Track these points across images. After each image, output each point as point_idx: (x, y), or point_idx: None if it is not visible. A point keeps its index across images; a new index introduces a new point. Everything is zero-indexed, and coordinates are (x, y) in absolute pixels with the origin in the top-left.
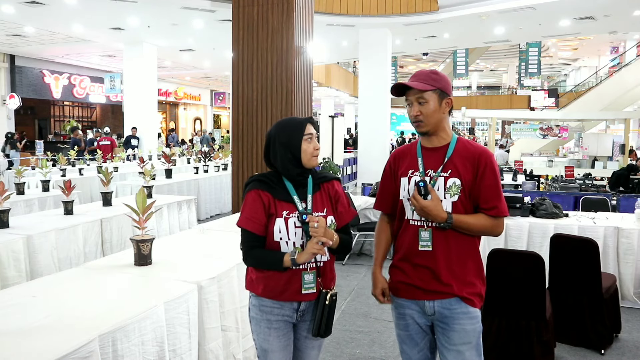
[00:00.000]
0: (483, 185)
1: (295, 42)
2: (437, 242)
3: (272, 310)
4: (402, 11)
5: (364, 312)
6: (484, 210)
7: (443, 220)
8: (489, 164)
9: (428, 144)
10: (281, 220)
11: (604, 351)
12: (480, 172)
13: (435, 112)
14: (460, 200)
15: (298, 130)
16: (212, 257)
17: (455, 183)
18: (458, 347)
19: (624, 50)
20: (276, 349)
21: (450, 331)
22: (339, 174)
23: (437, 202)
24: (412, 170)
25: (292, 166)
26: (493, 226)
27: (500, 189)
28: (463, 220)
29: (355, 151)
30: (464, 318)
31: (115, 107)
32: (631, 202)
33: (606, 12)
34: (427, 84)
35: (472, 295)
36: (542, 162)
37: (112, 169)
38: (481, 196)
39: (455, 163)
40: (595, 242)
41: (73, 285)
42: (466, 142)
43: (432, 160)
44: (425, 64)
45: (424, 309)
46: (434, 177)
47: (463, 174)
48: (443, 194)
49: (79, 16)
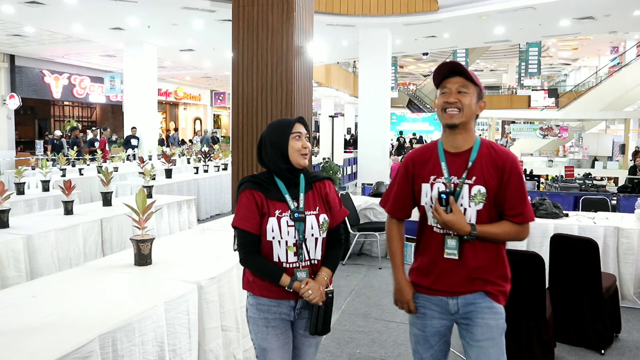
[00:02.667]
0: (508, 191)
1: (295, 42)
2: (463, 249)
3: (270, 308)
4: (402, 11)
5: (364, 312)
6: (509, 217)
7: (467, 233)
8: (514, 170)
9: (450, 148)
10: (274, 219)
11: (604, 351)
12: (505, 179)
13: (471, 107)
14: (485, 208)
15: (286, 128)
16: (212, 257)
17: (480, 191)
18: (481, 342)
19: (624, 50)
20: (275, 348)
21: (473, 326)
22: (339, 174)
23: (459, 215)
24: (434, 176)
25: (280, 162)
26: (518, 232)
27: (526, 195)
28: (487, 231)
29: (355, 151)
30: (487, 312)
31: (115, 107)
32: (631, 202)
33: (606, 12)
34: (473, 77)
35: (497, 291)
36: (542, 162)
37: (112, 169)
38: (506, 202)
39: (480, 169)
40: (595, 242)
41: (73, 285)
42: (490, 146)
43: (456, 166)
44: (425, 64)
45: (447, 307)
46: (458, 184)
47: (488, 180)
48: (467, 202)
49: (79, 16)
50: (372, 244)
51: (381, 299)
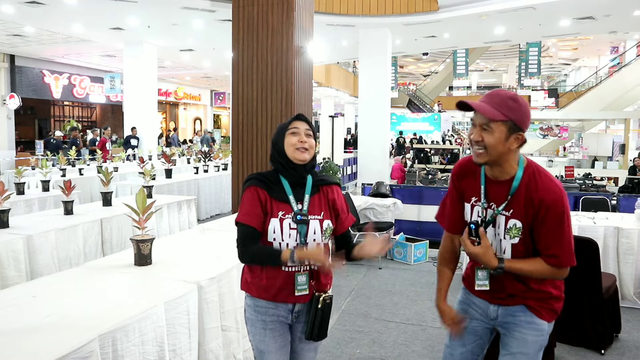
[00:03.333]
0: (543, 230)
1: (295, 42)
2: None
3: (267, 310)
4: (402, 11)
5: (364, 312)
6: (544, 257)
7: (493, 268)
8: (552, 208)
9: (491, 174)
10: (276, 220)
11: (604, 351)
12: (541, 216)
13: (499, 144)
14: (522, 242)
15: (284, 126)
16: (212, 257)
17: (516, 225)
18: (515, 355)
19: (624, 50)
20: (272, 350)
21: (509, 337)
22: (339, 174)
23: (487, 249)
24: (475, 198)
25: (280, 158)
26: (554, 273)
27: (565, 237)
28: (517, 267)
29: (355, 151)
30: (526, 327)
31: (115, 107)
32: (631, 202)
33: (606, 12)
34: (499, 111)
35: (541, 306)
36: (542, 162)
37: (112, 169)
38: (541, 242)
39: (518, 202)
40: (595, 242)
41: (73, 285)
42: (533, 176)
43: (496, 194)
44: (425, 64)
45: (487, 311)
46: (496, 213)
47: (524, 215)
48: (503, 234)
49: (79, 16)
50: None
51: (381, 299)
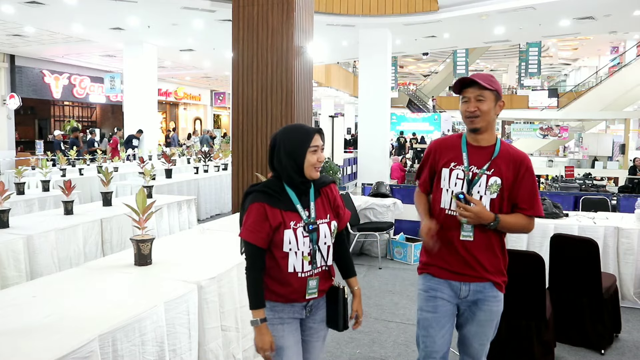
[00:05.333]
0: (523, 187)
1: (295, 42)
2: (477, 233)
3: (284, 308)
4: (402, 11)
5: (364, 312)
6: (522, 210)
7: (492, 220)
8: (529, 169)
9: (474, 142)
10: (290, 231)
11: (604, 351)
12: (520, 175)
13: (490, 111)
14: (498, 198)
15: (305, 140)
16: (212, 257)
17: (497, 182)
18: (482, 323)
19: (624, 50)
20: (291, 345)
21: (478, 310)
22: (339, 174)
23: (483, 207)
24: (455, 163)
25: (294, 174)
26: (527, 224)
27: (537, 192)
28: (506, 220)
29: (355, 151)
30: (492, 301)
31: (115, 107)
32: (631, 202)
33: (606, 12)
34: (488, 84)
35: (503, 281)
36: (542, 162)
37: (112, 169)
38: (519, 197)
39: (499, 164)
40: (595, 242)
41: (73, 285)
42: (508, 146)
43: (478, 158)
44: (425, 64)
45: (458, 291)
46: (477, 173)
47: (505, 174)
48: (484, 190)
49: (79, 16)
50: (372, 244)
51: (381, 299)
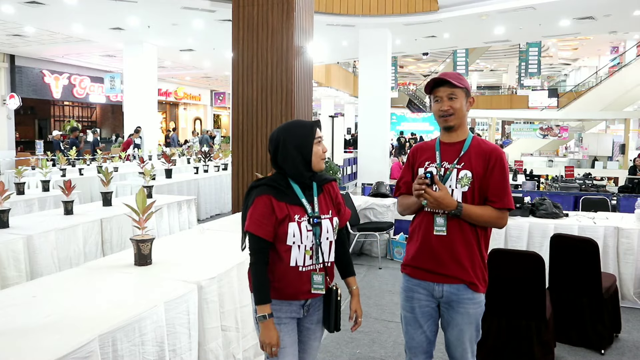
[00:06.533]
0: (492, 179)
1: (295, 42)
2: (451, 228)
3: (281, 308)
4: (402, 11)
5: (364, 312)
6: (491, 203)
7: (454, 207)
8: (499, 161)
9: (447, 139)
10: (294, 224)
11: (604, 351)
12: (490, 167)
13: (462, 108)
14: (470, 192)
15: (309, 133)
16: (212, 257)
17: (467, 175)
18: (461, 326)
19: (624, 50)
20: (288, 344)
21: (454, 313)
22: (339, 174)
23: (446, 192)
24: (429, 162)
25: (303, 169)
26: (498, 218)
27: (508, 184)
28: (471, 209)
29: (355, 151)
30: (468, 303)
31: (115, 107)
32: (631, 202)
33: (606, 12)
34: (458, 82)
35: (478, 281)
36: (542, 162)
37: (112, 169)
38: (490, 189)
39: (469, 157)
40: (595, 242)
41: (73, 285)
42: (480, 140)
43: (449, 154)
44: (425, 63)
45: (432, 292)
46: (449, 168)
47: (475, 167)
48: (455, 184)
49: (79, 16)
50: (372, 244)
51: (381, 299)
